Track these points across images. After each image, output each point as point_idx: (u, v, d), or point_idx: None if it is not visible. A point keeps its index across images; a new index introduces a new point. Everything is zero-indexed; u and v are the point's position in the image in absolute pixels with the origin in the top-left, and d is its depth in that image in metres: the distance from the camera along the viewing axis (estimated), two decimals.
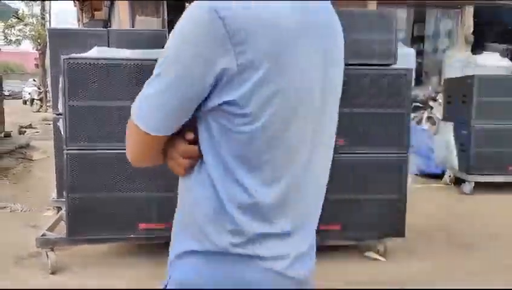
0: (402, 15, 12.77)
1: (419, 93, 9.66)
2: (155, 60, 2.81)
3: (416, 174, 6.65)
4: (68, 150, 3.12)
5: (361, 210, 3.40)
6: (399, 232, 3.47)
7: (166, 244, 3.15)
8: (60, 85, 3.11)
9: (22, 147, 7.53)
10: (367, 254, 3.58)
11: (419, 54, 13.23)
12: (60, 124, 3.31)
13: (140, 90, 2.63)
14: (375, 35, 3.36)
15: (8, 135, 7.94)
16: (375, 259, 3.54)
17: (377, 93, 3.33)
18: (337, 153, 3.25)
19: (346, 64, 3.29)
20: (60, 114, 3.51)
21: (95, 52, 3.26)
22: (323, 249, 3.48)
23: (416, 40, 13.76)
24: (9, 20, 16.51)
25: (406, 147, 3.40)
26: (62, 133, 3.17)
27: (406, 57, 11.38)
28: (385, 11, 3.37)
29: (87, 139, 3.13)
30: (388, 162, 3.39)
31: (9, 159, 6.91)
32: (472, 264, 3.50)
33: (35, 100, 17.93)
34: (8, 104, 16.57)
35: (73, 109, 3.08)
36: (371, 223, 3.42)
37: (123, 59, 3.11)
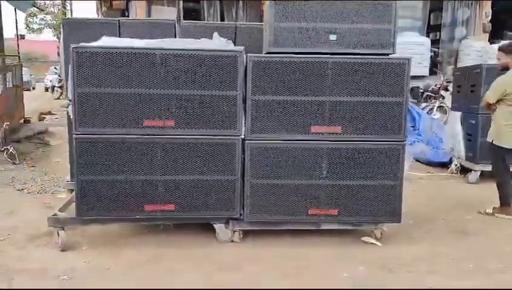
0: (418, 4, 12.63)
1: (432, 82, 9.61)
2: (159, 49, 3.00)
3: (422, 162, 6.67)
4: (76, 134, 3.30)
5: (358, 196, 3.50)
6: (395, 218, 3.56)
7: (174, 225, 3.31)
8: (70, 72, 3.27)
9: (40, 133, 7.80)
10: (363, 238, 3.69)
11: (435, 43, 13.06)
12: (70, 109, 3.47)
13: (146, 78, 2.89)
14: (374, 24, 3.41)
15: (27, 121, 8.23)
16: (372, 243, 3.64)
17: (376, 82, 3.40)
18: (335, 140, 3.39)
19: (345, 54, 3.43)
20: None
21: (103, 41, 3.40)
22: (320, 233, 3.64)
23: (433, 29, 13.57)
24: (31, 10, 16.86)
25: (403, 134, 3.47)
26: (71, 117, 3.34)
27: (420, 46, 11.29)
28: (386, 2, 3.40)
29: (95, 124, 3.29)
30: (385, 149, 3.47)
31: (29, 144, 7.19)
32: (468, 250, 3.57)
33: (56, 87, 18.31)
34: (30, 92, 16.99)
35: (81, 96, 3.25)
36: (368, 208, 3.52)
37: (128, 48, 3.25)
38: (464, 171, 6.04)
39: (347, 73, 3.38)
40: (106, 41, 3.40)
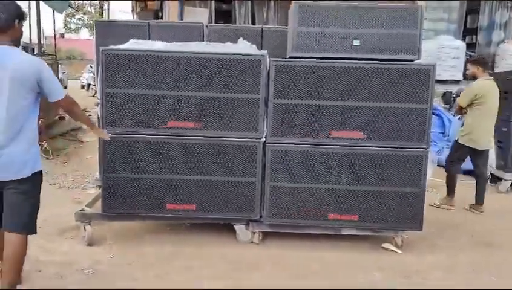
0: (454, 5, 12.31)
1: (464, 88, 9.35)
2: (184, 52, 3.07)
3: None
4: None
5: (379, 202, 3.48)
6: (416, 225, 3.52)
7: (193, 225, 3.42)
8: (99, 74, 3.40)
9: (74, 130, 8.07)
10: (383, 245, 3.66)
11: (471, 46, 12.70)
12: (98, 109, 3.61)
13: (171, 80, 3.00)
14: (400, 30, 3.38)
15: (62, 118, 8.52)
16: (391, 250, 3.60)
17: (400, 88, 3.37)
18: (356, 145, 3.39)
19: (369, 59, 3.42)
20: None
21: (131, 44, 3.51)
22: (340, 237, 3.64)
23: (469, 32, 13.20)
24: (69, 10, 17.47)
25: (426, 141, 3.42)
26: (99, 117, 3.47)
27: (455, 50, 11.00)
28: (411, 6, 3.37)
29: (121, 124, 3.41)
30: (408, 156, 3.44)
31: (62, 140, 7.46)
32: (492, 263, 3.48)
33: (91, 85, 18.87)
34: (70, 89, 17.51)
35: (109, 96, 3.37)
36: (388, 215, 3.49)
37: (154, 51, 3.34)
38: (494, 179, 5.87)
39: (370, 78, 3.36)
40: (134, 43, 3.50)
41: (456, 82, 11.50)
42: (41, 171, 2.68)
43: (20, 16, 2.57)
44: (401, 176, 3.46)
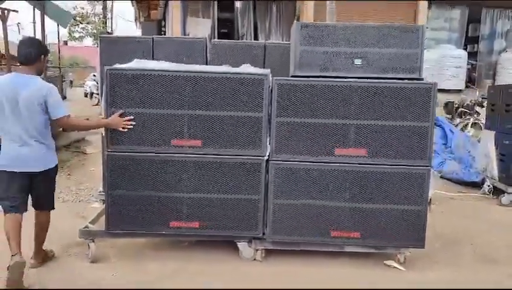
0: (455, 15, 12.37)
1: (467, 98, 9.39)
2: (188, 72, 3.12)
3: (454, 181, 6.52)
4: (108, 151, 3.46)
5: (381, 220, 3.50)
6: (419, 243, 3.53)
7: (196, 241, 3.43)
8: (103, 92, 3.43)
9: (77, 141, 8.12)
10: (386, 262, 3.66)
11: (473, 55, 12.74)
12: (103, 128, 3.64)
13: (175, 99, 3.04)
14: (401, 49, 3.42)
15: (65, 129, 8.57)
16: (394, 267, 3.61)
17: (402, 106, 3.39)
18: (359, 163, 3.40)
19: (371, 78, 3.47)
20: None
21: (135, 63, 3.55)
22: (343, 254, 3.65)
23: (470, 41, 13.25)
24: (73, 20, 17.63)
25: (428, 159, 3.44)
26: (104, 135, 3.50)
27: (457, 59, 11.05)
28: (412, 25, 3.40)
29: (126, 142, 3.44)
30: (410, 173, 3.45)
31: (66, 152, 7.50)
32: (495, 280, 3.48)
33: (94, 94, 18.97)
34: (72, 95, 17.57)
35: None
36: (391, 233, 3.50)
37: (159, 70, 3.38)
38: (497, 192, 5.87)
39: (372, 97, 3.39)
40: (138, 63, 3.54)
41: (458, 91, 11.54)
42: (57, 165, 3.51)
43: (46, 52, 3.38)
44: (403, 194, 3.48)
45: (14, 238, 3.13)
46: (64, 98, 18.63)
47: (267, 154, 3.47)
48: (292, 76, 3.53)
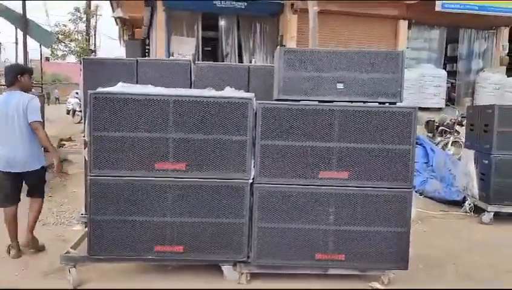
0: (435, 35, 12.70)
1: (447, 116, 9.59)
2: (172, 96, 3.13)
3: (436, 200, 6.61)
4: (91, 176, 3.42)
5: (365, 242, 3.52)
6: (402, 264, 3.56)
7: (181, 266, 3.36)
8: (87, 116, 3.41)
9: (59, 162, 7.97)
10: (370, 284, 3.68)
11: (452, 74, 13.07)
12: (85, 152, 3.61)
13: (160, 123, 3.08)
14: (381, 74, 3.50)
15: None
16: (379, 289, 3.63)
17: (383, 130, 3.46)
18: (342, 186, 3.42)
19: (353, 102, 3.51)
20: None
21: (119, 87, 3.55)
22: (328, 277, 3.65)
23: (449, 61, 13.60)
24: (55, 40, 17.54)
25: (410, 181, 3.50)
26: (87, 159, 3.47)
27: (437, 78, 11.31)
28: (393, 51, 3.49)
29: (109, 166, 3.41)
30: (392, 196, 3.50)
31: (47, 172, 7.36)
32: None
33: (76, 112, 18.79)
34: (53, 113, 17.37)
35: (97, 139, 3.39)
36: (375, 255, 3.53)
37: (142, 94, 3.39)
38: (478, 210, 5.97)
39: (354, 120, 3.44)
40: (122, 86, 3.54)
41: (438, 109, 11.79)
42: (44, 165, 4.42)
43: (21, 72, 4.21)
44: (386, 216, 3.52)
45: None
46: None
47: (252, 177, 3.48)
48: (276, 100, 3.57)
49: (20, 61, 7.48)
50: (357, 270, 3.64)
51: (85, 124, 3.65)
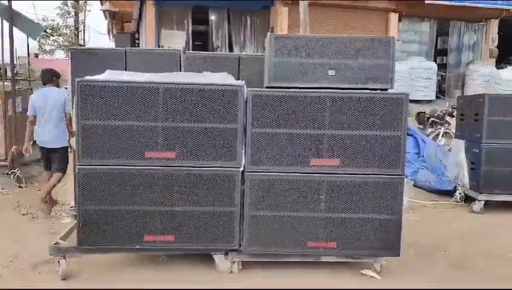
0: (425, 28, 12.74)
1: (438, 108, 9.63)
2: (161, 83, 3.11)
3: (427, 190, 6.64)
4: (80, 165, 3.37)
5: (356, 229, 3.51)
6: (394, 251, 3.55)
7: (172, 256, 3.31)
8: (74, 105, 3.36)
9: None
10: (362, 271, 3.67)
11: (442, 67, 13.12)
12: (74, 140, 3.56)
13: (149, 111, 3.08)
14: (373, 60, 3.48)
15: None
16: (372, 277, 3.62)
17: (374, 116, 3.44)
18: (333, 173, 3.41)
19: (344, 88, 3.49)
20: None
21: (106, 74, 3.49)
22: (320, 265, 3.64)
23: (440, 53, 13.65)
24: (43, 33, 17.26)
25: (402, 168, 3.49)
26: (75, 149, 3.41)
27: (427, 71, 11.36)
28: (384, 37, 3.47)
29: (98, 155, 3.36)
30: (384, 182, 3.49)
31: (36, 166, 7.28)
32: (463, 285, 3.53)
33: None
34: None
35: (85, 128, 3.33)
36: (366, 242, 3.52)
37: (131, 82, 3.33)
38: (468, 199, 6.00)
39: (346, 107, 3.42)
40: (110, 74, 3.49)
41: (429, 102, 11.84)
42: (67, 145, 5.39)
43: (57, 75, 5.61)
44: (378, 203, 3.51)
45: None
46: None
47: (243, 165, 3.46)
48: (267, 87, 3.54)
49: (6, 56, 7.34)
50: (350, 257, 3.63)
51: (72, 114, 3.60)
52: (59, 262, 3.48)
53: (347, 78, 3.48)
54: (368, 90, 3.47)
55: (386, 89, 3.51)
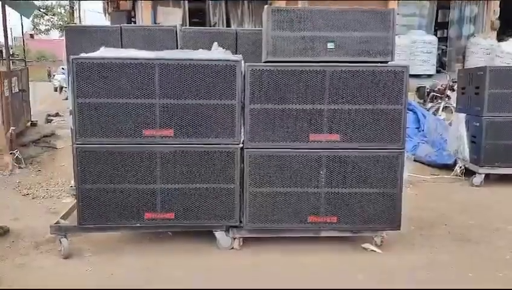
0: (425, 1, 12.51)
1: (438, 82, 9.54)
2: (158, 59, 3.09)
3: (427, 164, 6.62)
4: (77, 144, 3.34)
5: (357, 203, 3.50)
6: (395, 225, 3.56)
7: (174, 232, 3.33)
8: (69, 83, 3.31)
9: (47, 136, 7.86)
10: (363, 245, 3.69)
11: (442, 40, 12.95)
12: (70, 119, 3.52)
13: (145, 88, 3.14)
14: (372, 32, 3.40)
15: (34, 124, 8.30)
16: (372, 251, 3.64)
17: (374, 90, 3.39)
18: (333, 148, 3.39)
19: (343, 62, 3.43)
20: None
21: (102, 52, 3.43)
22: (320, 240, 3.65)
23: (440, 27, 13.46)
24: (37, 11, 16.99)
25: (402, 142, 3.46)
26: (72, 128, 3.38)
27: (428, 44, 11.21)
28: (384, 9, 3.39)
29: (95, 134, 3.33)
30: (384, 156, 3.47)
31: (35, 147, 7.26)
32: (469, 259, 3.55)
33: (64, 88, 18.45)
34: (40, 91, 17.09)
35: (81, 106, 3.29)
36: (367, 216, 3.52)
37: (127, 58, 3.27)
38: (469, 173, 6.00)
39: (345, 81, 3.37)
40: (105, 51, 3.42)
41: (429, 76, 11.73)
42: None
43: None
44: (378, 177, 3.49)
45: None
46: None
47: (241, 142, 3.43)
48: (265, 62, 3.48)
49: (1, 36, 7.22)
50: (350, 232, 3.64)
51: (68, 92, 3.55)
52: (60, 241, 3.49)
53: (347, 51, 3.42)
54: (368, 63, 3.41)
55: (386, 62, 3.45)
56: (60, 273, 3.24)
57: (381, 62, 3.44)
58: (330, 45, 3.38)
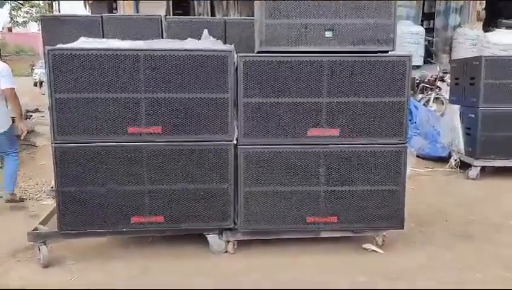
0: None
1: (428, 73, 9.43)
2: (143, 50, 2.78)
3: (421, 157, 6.49)
4: (55, 143, 3.07)
5: (358, 202, 3.31)
6: (398, 224, 3.38)
7: (163, 236, 2.98)
8: (46, 77, 3.03)
9: (26, 133, 7.49)
10: (364, 245, 3.50)
11: (429, 31, 12.84)
12: (47, 116, 3.24)
13: (129, 81, 2.80)
14: (373, 20, 3.19)
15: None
16: (373, 251, 3.46)
17: (375, 81, 3.19)
18: (333, 144, 3.16)
19: (342, 51, 3.16)
20: None
21: (81, 42, 3.15)
22: (320, 240, 3.46)
23: (426, 17, 13.35)
24: (15, 3, 16.40)
25: (404, 136, 3.27)
26: (50, 125, 3.10)
27: (415, 35, 11.06)
28: None
29: (75, 132, 3.06)
30: (386, 152, 3.27)
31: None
32: (469, 256, 3.40)
33: (43, 82, 17.89)
34: (19, 86, 16.54)
35: (59, 102, 3.01)
36: (369, 215, 3.33)
37: (109, 49, 3.00)
38: (464, 166, 5.88)
39: (344, 72, 3.16)
40: (85, 42, 3.14)
41: (418, 67, 11.60)
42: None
43: None
44: (380, 173, 3.30)
45: None
46: None
47: (235, 138, 3.19)
48: (258, 52, 3.24)
49: None
50: (351, 232, 3.45)
51: (45, 86, 3.27)
52: (39, 249, 3.22)
53: (346, 40, 3.19)
54: (368, 53, 3.20)
55: (387, 51, 3.24)
56: (41, 284, 2.98)
57: (381, 51, 3.23)
58: (328, 34, 3.16)
